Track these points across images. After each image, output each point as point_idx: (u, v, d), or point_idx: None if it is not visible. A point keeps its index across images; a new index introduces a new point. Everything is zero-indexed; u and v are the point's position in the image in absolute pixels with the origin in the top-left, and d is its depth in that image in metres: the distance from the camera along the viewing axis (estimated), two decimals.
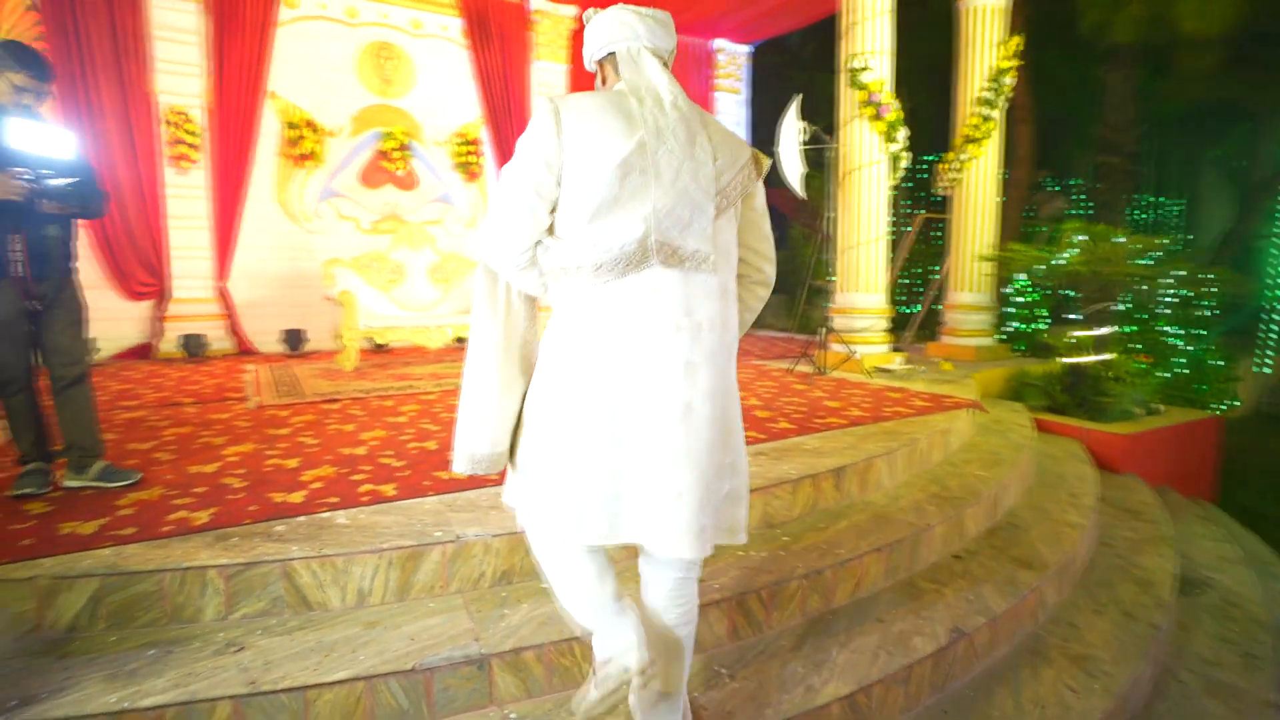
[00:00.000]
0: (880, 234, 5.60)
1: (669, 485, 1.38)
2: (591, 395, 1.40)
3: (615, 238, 1.37)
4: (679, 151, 1.40)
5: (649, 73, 1.46)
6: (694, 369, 1.39)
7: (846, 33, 5.48)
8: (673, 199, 1.38)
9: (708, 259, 1.42)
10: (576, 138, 1.37)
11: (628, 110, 1.40)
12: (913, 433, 3.50)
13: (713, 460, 1.42)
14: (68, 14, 6.12)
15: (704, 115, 1.49)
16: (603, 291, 1.38)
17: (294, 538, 2.13)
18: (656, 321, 1.38)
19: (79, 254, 2.82)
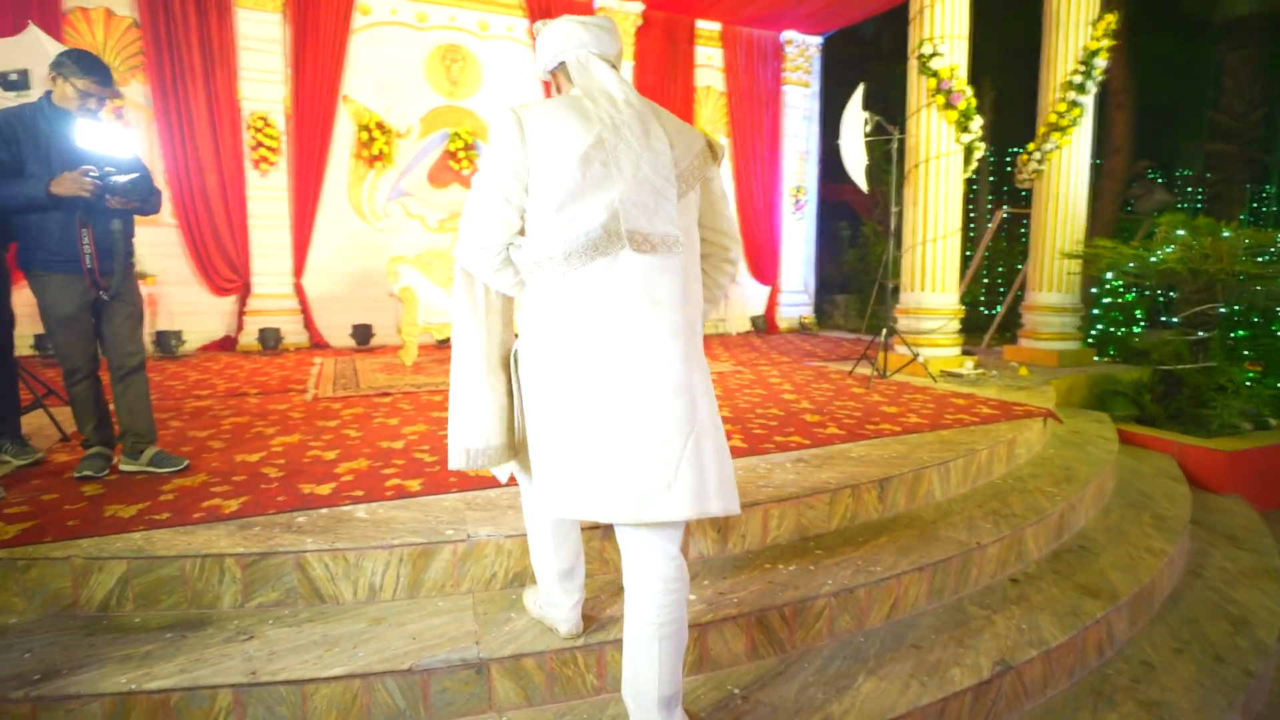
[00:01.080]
0: (952, 230, 5.26)
1: (643, 455, 1.45)
2: (569, 377, 1.48)
3: (582, 224, 1.45)
4: (636, 144, 1.48)
5: (599, 76, 1.55)
6: (659, 344, 1.47)
7: (917, 16, 5.18)
8: (635, 187, 1.46)
9: (677, 242, 1.50)
10: (539, 140, 1.46)
11: (584, 110, 1.49)
12: (972, 443, 3.25)
13: (682, 427, 1.48)
14: (164, 29, 6.55)
15: (656, 109, 1.58)
16: (573, 279, 1.47)
17: (312, 530, 2.15)
18: (624, 303, 1.46)
19: (174, 252, 2.96)
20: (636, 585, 1.57)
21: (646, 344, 1.46)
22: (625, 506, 1.46)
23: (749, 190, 9.18)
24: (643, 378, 1.46)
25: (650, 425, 1.45)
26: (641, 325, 1.46)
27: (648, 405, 1.45)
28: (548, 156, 1.45)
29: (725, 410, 3.96)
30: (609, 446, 1.45)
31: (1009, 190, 10.47)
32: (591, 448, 1.47)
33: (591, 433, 1.47)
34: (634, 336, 1.46)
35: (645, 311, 1.47)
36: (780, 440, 3.26)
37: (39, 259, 2.61)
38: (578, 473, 1.48)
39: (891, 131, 4.86)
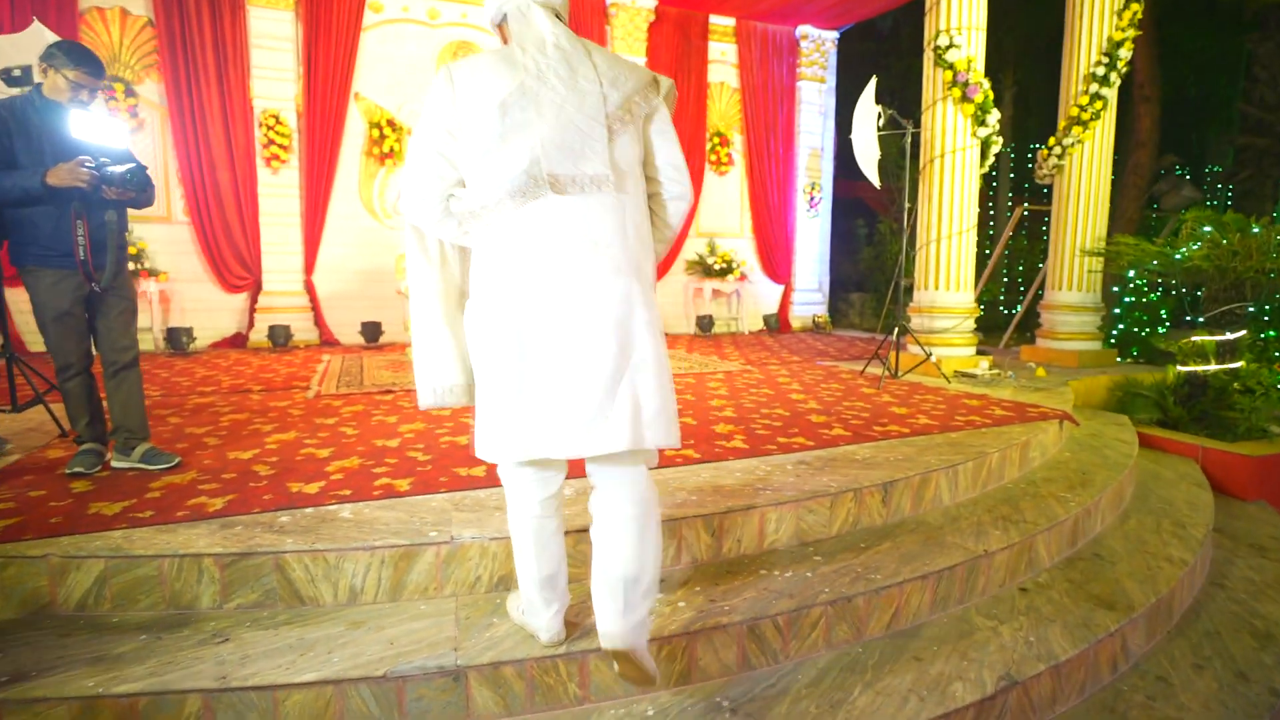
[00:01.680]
0: (967, 227, 5.12)
1: (580, 390, 1.49)
2: (507, 320, 1.52)
3: (505, 172, 1.48)
4: (561, 87, 1.50)
5: (536, 24, 1.56)
6: (598, 283, 1.50)
7: (934, 8, 5.05)
8: (558, 131, 1.49)
9: (607, 180, 1.52)
10: (466, 94, 1.51)
11: (512, 60, 1.52)
12: (983, 445, 3.13)
13: (618, 362, 1.51)
14: (178, 27, 6.59)
15: (592, 48, 1.59)
16: (510, 224, 1.51)
17: (294, 530, 2.10)
18: (562, 244, 1.49)
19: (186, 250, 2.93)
20: (603, 502, 1.65)
21: (585, 283, 1.50)
22: (566, 441, 1.51)
23: (763, 187, 9.07)
24: (580, 315, 1.49)
25: (587, 361, 1.49)
26: (580, 265, 1.50)
27: (584, 342, 1.50)
28: (473, 108, 1.50)
29: (729, 411, 3.88)
30: (548, 384, 1.51)
31: (1030, 187, 10.25)
32: (532, 387, 1.51)
33: (531, 372, 1.51)
34: (573, 276, 1.49)
35: (585, 251, 1.50)
36: (783, 441, 3.17)
37: (32, 254, 2.59)
38: (520, 413, 1.53)
39: (905, 125, 4.74)
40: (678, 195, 1.69)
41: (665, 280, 8.79)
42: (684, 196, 1.69)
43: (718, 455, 2.94)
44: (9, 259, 2.68)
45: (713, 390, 4.55)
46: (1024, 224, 9.98)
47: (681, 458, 2.89)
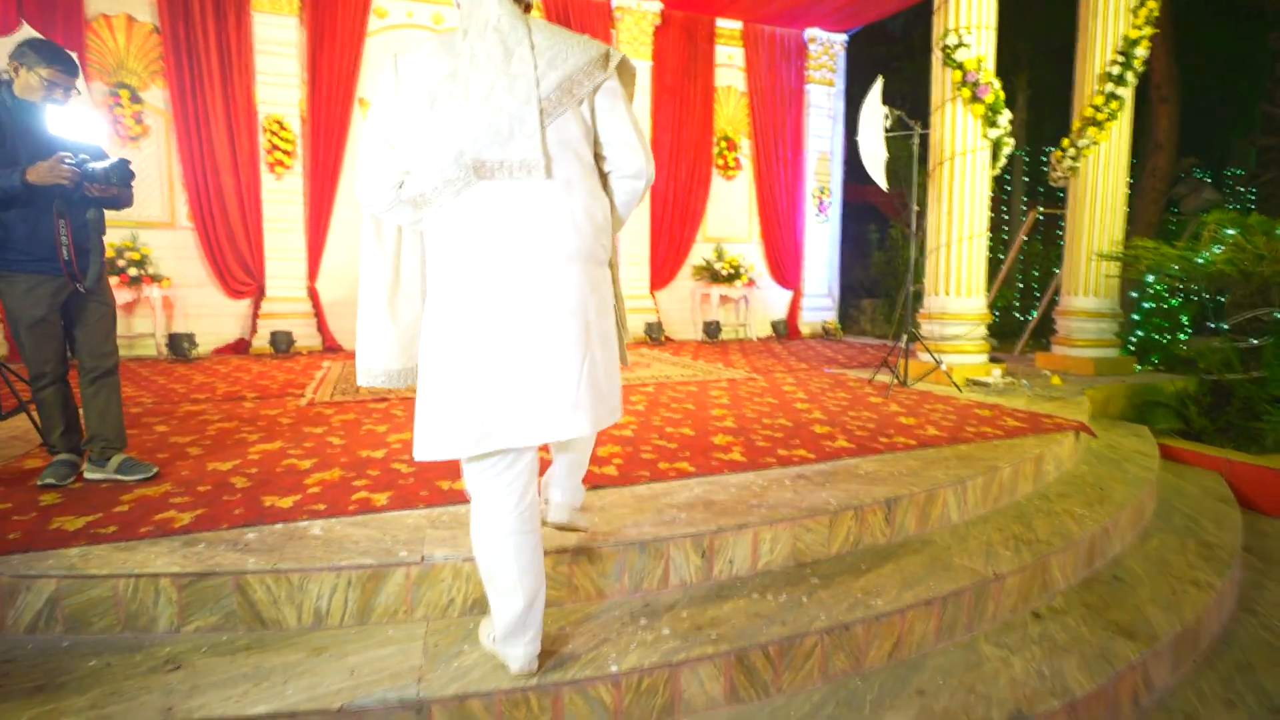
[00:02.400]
0: (978, 231, 4.96)
1: (544, 377, 1.50)
2: (462, 308, 1.49)
3: (437, 161, 1.47)
4: (492, 71, 1.47)
5: (485, 8, 1.51)
6: (549, 269, 1.49)
7: (942, 6, 4.91)
8: (486, 115, 1.45)
9: (536, 164, 1.48)
10: (407, 82, 1.51)
11: (451, 46, 1.50)
12: (994, 458, 2.98)
13: (578, 348, 1.53)
14: (183, 34, 6.58)
15: (536, 28, 1.53)
16: (451, 212, 1.50)
17: (259, 548, 1.99)
18: (502, 230, 1.48)
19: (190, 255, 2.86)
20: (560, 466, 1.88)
21: (536, 269, 1.48)
22: (532, 429, 1.51)
23: (771, 192, 8.94)
24: (536, 303, 1.49)
25: (548, 349, 1.50)
26: (529, 251, 1.48)
27: (544, 329, 1.49)
28: (410, 96, 1.50)
29: (729, 421, 3.74)
30: (507, 372, 1.49)
31: (1045, 191, 10.04)
32: (491, 376, 1.48)
33: (490, 361, 1.48)
34: (523, 262, 1.48)
35: (532, 237, 1.48)
36: (783, 454, 3.03)
37: (5, 260, 2.52)
38: (478, 403, 1.49)
39: (913, 127, 4.60)
40: (631, 173, 1.63)
41: (672, 285, 8.68)
42: (639, 175, 1.63)
43: (713, 468, 2.81)
44: None
45: (714, 399, 4.42)
46: (1039, 228, 9.77)
47: (675, 471, 2.76)
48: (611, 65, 1.57)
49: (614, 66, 1.58)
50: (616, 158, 1.62)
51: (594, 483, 2.61)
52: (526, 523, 1.60)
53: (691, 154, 8.53)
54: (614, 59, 1.59)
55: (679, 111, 8.42)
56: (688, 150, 8.51)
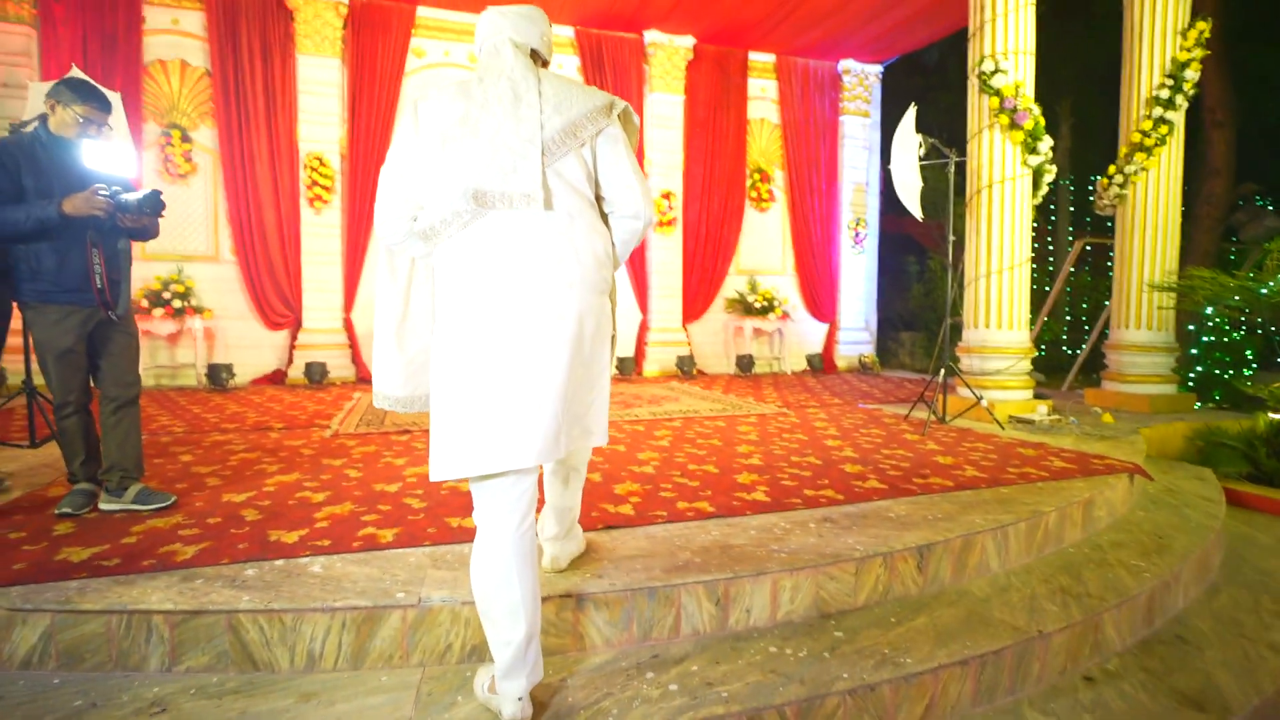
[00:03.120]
0: (1019, 261, 4.77)
1: (546, 401, 1.55)
2: (469, 334, 1.55)
3: (447, 195, 1.57)
4: (501, 114, 1.58)
5: (503, 57, 1.66)
6: (551, 296, 1.55)
7: (977, 33, 4.80)
8: (492, 152, 1.56)
9: (534, 198, 1.56)
10: (427, 122, 1.62)
11: (467, 91, 1.62)
12: (1039, 502, 2.77)
13: (581, 373, 1.63)
14: (232, 76, 6.87)
15: (546, 78, 1.66)
16: (460, 242, 1.58)
17: (256, 585, 1.94)
18: (506, 259, 1.55)
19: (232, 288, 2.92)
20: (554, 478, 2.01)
21: (537, 295, 1.55)
22: (538, 449, 1.55)
23: (805, 223, 8.83)
24: (536, 327, 1.54)
25: (546, 372, 1.55)
26: (531, 277, 1.55)
27: (543, 353, 1.55)
28: (428, 136, 1.61)
29: (755, 458, 3.60)
30: (511, 395, 1.53)
31: (1092, 220, 9.71)
32: (496, 399, 1.53)
33: (494, 385, 1.53)
34: (525, 288, 1.54)
35: (534, 264, 1.55)
36: (809, 495, 2.88)
37: (36, 290, 2.56)
38: (485, 424, 1.53)
39: (948, 155, 4.46)
40: (629, 213, 1.72)
41: (704, 318, 8.59)
42: (636, 215, 1.72)
43: (734, 509, 2.67)
44: (12, 295, 2.66)
45: (742, 435, 4.28)
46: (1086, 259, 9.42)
47: (693, 511, 2.64)
48: (614, 113, 1.69)
49: (616, 114, 1.70)
50: (615, 198, 1.71)
51: (608, 522, 2.50)
52: (526, 546, 1.60)
53: (724, 186, 8.51)
54: (617, 108, 1.71)
55: (712, 144, 8.43)
56: (720, 182, 8.49)
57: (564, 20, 7.67)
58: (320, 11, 6.97)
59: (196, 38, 6.87)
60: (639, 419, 4.87)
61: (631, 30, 7.90)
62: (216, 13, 6.79)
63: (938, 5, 7.01)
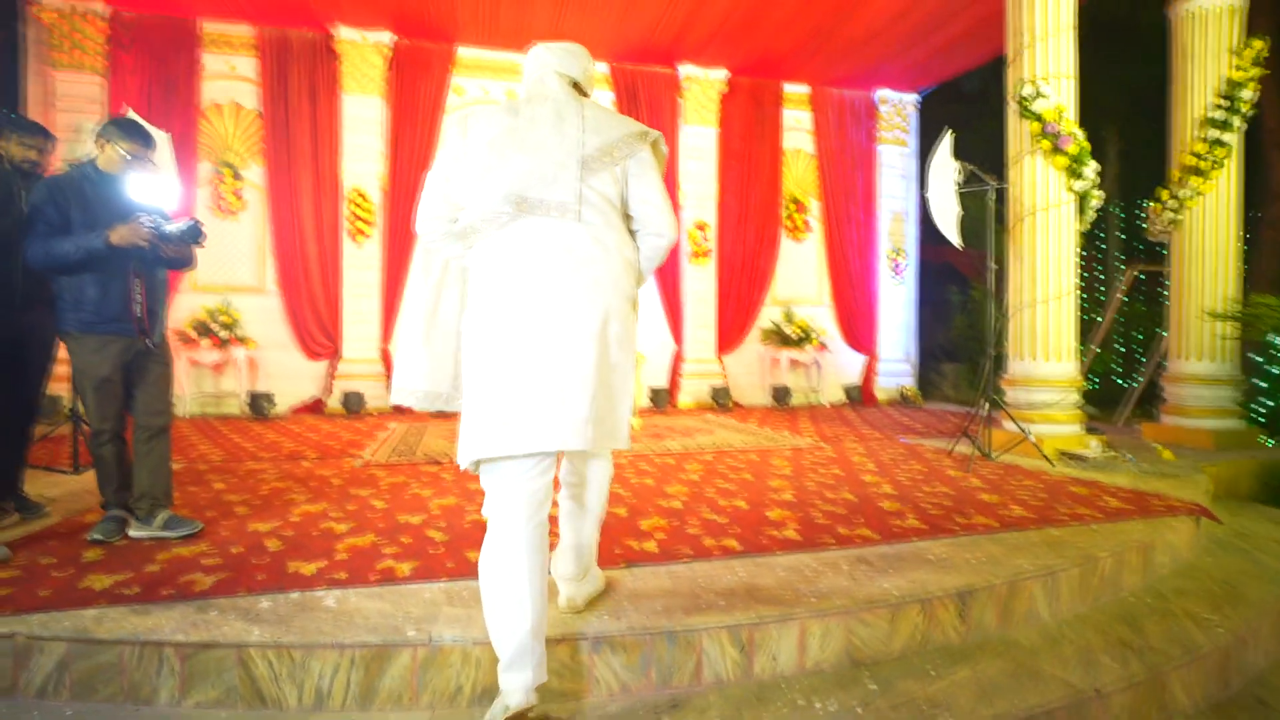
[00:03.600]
0: (1066, 290, 4.58)
1: (564, 392, 1.63)
2: (497, 326, 1.67)
3: (489, 197, 1.71)
4: (545, 130, 1.74)
5: (548, 85, 1.85)
6: (576, 296, 1.66)
7: (1016, 58, 4.70)
8: (535, 163, 1.71)
9: (570, 208, 1.71)
10: (474, 134, 1.76)
11: (514, 109, 1.79)
12: (1093, 545, 2.59)
13: (597, 369, 1.66)
14: (281, 115, 7.16)
15: (588, 105, 1.83)
16: (495, 242, 1.71)
17: (269, 618, 1.90)
18: (537, 260, 1.67)
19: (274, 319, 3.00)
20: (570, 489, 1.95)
21: (564, 293, 1.66)
22: (548, 436, 1.62)
23: (842, 253, 8.71)
24: (561, 322, 1.65)
25: (568, 365, 1.64)
26: (559, 277, 1.66)
27: (566, 347, 1.64)
28: (475, 144, 1.75)
29: (788, 494, 3.48)
30: (533, 383, 1.62)
31: (1144, 247, 9.35)
32: (519, 386, 1.62)
33: (518, 373, 1.63)
34: (553, 287, 1.66)
35: (563, 265, 1.67)
36: (843, 533, 2.75)
37: (78, 320, 2.63)
38: (503, 411, 1.62)
39: (988, 181, 4.34)
40: (654, 231, 1.84)
41: (740, 349, 8.49)
42: (661, 234, 1.84)
43: (763, 547, 2.56)
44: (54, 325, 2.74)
45: (775, 469, 4.15)
46: (1139, 287, 9.04)
47: (720, 549, 2.53)
48: (646, 140, 1.84)
49: (648, 142, 1.85)
50: (642, 217, 1.83)
51: (630, 559, 2.41)
52: (538, 539, 1.66)
53: (759, 216, 8.47)
54: (649, 136, 1.85)
55: (746, 174, 8.42)
56: (755, 213, 8.45)
57: (599, 56, 7.80)
58: (365, 54, 7.23)
59: (249, 81, 7.19)
60: (669, 451, 4.78)
61: (665, 64, 8.00)
62: (269, 57, 7.11)
63: (974, 33, 6.93)
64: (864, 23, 6.93)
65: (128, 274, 2.66)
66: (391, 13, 6.86)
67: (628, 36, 7.36)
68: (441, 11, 6.85)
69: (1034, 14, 4.57)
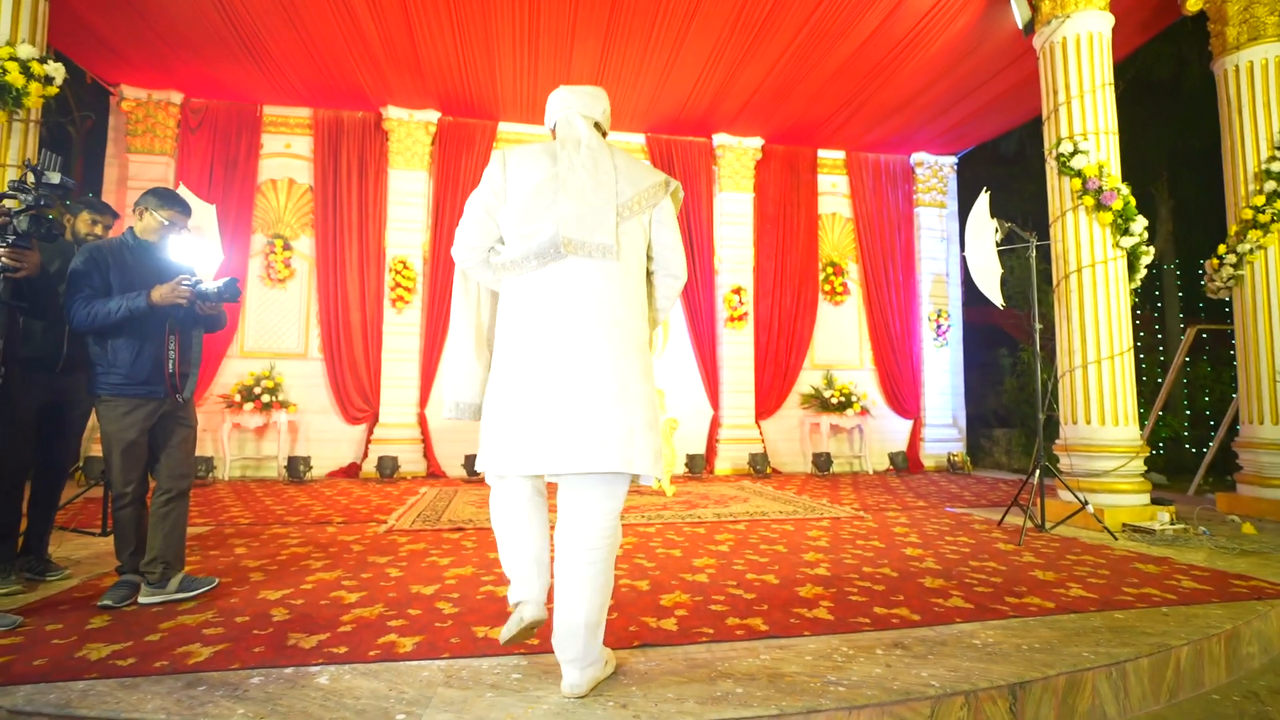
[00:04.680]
0: (1122, 349, 4.33)
1: (568, 416, 1.77)
2: (524, 349, 1.84)
3: (534, 236, 1.85)
4: (584, 176, 1.89)
5: (576, 127, 1.99)
6: (595, 333, 1.82)
7: (1051, 116, 4.62)
8: (578, 207, 1.85)
9: (611, 249, 1.87)
10: (514, 173, 1.92)
11: (553, 153, 1.94)
12: (1166, 633, 2.31)
13: (614, 400, 1.78)
14: (331, 190, 7.52)
15: (616, 153, 1.99)
16: (530, 278, 1.87)
17: (256, 696, 1.80)
18: (570, 295, 1.83)
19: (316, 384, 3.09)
20: (570, 528, 1.86)
21: (584, 333, 1.81)
22: (565, 459, 1.75)
23: (883, 316, 8.54)
24: (579, 357, 1.80)
25: (594, 394, 1.78)
26: (584, 314, 1.82)
27: (592, 377, 1.79)
28: (517, 185, 1.90)
29: (822, 568, 3.26)
30: (552, 410, 1.77)
31: (1205, 305, 8.92)
32: (537, 412, 1.78)
33: (539, 400, 1.78)
34: (579, 322, 1.82)
35: (589, 305, 1.83)
36: (880, 613, 2.52)
37: (109, 384, 2.67)
38: (521, 434, 1.79)
39: (1026, 238, 4.20)
40: (670, 273, 2.03)
41: (779, 414, 8.29)
42: (676, 275, 2.04)
43: (791, 628, 2.36)
44: (87, 389, 2.80)
45: (811, 541, 3.92)
46: (1203, 347, 8.58)
47: (744, 629, 2.35)
48: (669, 190, 2.02)
49: (670, 192, 2.02)
50: (662, 259, 2.01)
51: (645, 639, 2.25)
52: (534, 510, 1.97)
53: (796, 281, 8.41)
54: (671, 186, 2.02)
55: (782, 239, 8.42)
56: (792, 277, 8.40)
57: (635, 128, 8.04)
58: (412, 131, 7.60)
59: (303, 158, 7.61)
60: (701, 520, 4.59)
61: (700, 134, 8.18)
62: (323, 136, 7.53)
63: (1010, 95, 6.90)
64: (896, 90, 6.98)
65: (164, 334, 2.74)
66: (438, 94, 7.23)
67: (662, 110, 7.58)
68: (484, 92, 7.19)
69: (1067, 74, 4.51)
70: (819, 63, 6.49)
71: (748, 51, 6.32)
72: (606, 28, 6.00)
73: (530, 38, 6.17)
